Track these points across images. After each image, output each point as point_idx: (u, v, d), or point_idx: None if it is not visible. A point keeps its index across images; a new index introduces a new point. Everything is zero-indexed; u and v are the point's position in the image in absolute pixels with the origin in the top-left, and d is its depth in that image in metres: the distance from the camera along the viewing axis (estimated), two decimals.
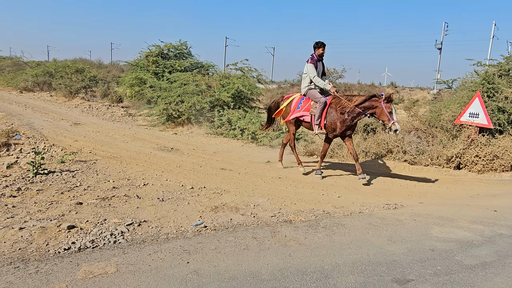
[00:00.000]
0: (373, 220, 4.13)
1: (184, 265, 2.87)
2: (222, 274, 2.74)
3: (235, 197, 5.11)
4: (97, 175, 5.97)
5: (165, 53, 20.99)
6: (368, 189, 6.05)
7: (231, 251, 3.14)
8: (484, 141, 7.90)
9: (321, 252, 3.18)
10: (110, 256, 2.99)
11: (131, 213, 4.25)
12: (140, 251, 3.13)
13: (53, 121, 12.92)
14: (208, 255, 3.05)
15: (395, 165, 8.02)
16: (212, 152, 8.83)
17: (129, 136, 10.47)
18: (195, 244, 3.28)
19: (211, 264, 2.88)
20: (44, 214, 4.09)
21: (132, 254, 3.05)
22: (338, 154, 9.21)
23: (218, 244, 3.31)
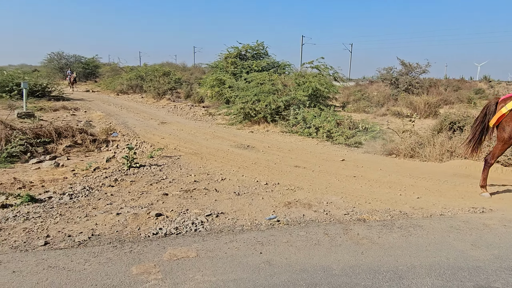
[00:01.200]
0: (456, 223, 3.88)
1: (257, 255, 3.03)
2: (293, 266, 2.84)
3: (308, 194, 5.16)
4: (180, 170, 6.47)
5: (243, 54, 21.70)
6: (452, 191, 5.65)
7: (303, 245, 3.22)
8: None
9: (395, 252, 3.10)
10: (191, 242, 3.27)
11: (210, 205, 4.56)
12: (218, 240, 3.37)
13: (144, 120, 14.17)
14: (280, 247, 3.17)
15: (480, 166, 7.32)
16: (286, 150, 8.96)
17: (209, 134, 11.06)
18: (268, 237, 3.43)
19: (282, 256, 3.00)
20: (136, 202, 4.58)
21: (211, 242, 3.30)
22: (419, 153, 8.71)
23: (290, 237, 3.41)
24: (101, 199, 4.68)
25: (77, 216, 4.04)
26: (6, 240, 3.35)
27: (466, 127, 9.46)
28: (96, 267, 2.77)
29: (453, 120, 10.23)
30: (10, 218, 3.94)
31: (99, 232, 3.60)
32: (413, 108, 19.14)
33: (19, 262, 2.82)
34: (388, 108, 20.26)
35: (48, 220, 3.90)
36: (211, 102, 20.16)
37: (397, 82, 24.44)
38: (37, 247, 3.20)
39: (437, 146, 8.62)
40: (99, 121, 13.50)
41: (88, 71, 33.69)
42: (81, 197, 4.72)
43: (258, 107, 13.30)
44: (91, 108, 16.73)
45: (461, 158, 7.99)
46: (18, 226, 3.71)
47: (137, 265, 2.81)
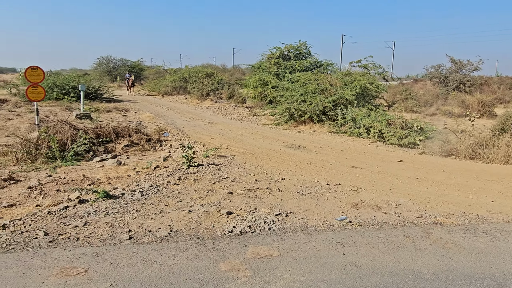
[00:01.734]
0: None
1: (340, 256, 2.99)
2: (381, 269, 2.77)
3: (373, 195, 5.05)
4: (238, 169, 6.54)
5: (285, 54, 21.68)
6: None
7: (385, 248, 3.14)
8: None
9: (487, 258, 2.95)
10: (270, 241, 3.29)
11: (276, 204, 4.57)
12: (296, 239, 3.36)
13: (191, 120, 14.51)
14: (362, 249, 3.11)
15: None
16: (339, 150, 8.82)
17: (257, 134, 11.12)
18: (346, 238, 3.38)
19: (367, 258, 2.94)
20: (204, 200, 4.68)
21: (289, 241, 3.30)
22: (481, 155, 8.28)
23: (369, 239, 3.34)
24: (170, 196, 4.82)
25: (152, 212, 4.19)
26: (93, 233, 3.53)
27: None
28: (185, 262, 2.84)
29: None
30: (92, 213, 4.14)
31: (176, 228, 3.71)
32: (465, 107, 18.28)
33: (114, 254, 2.96)
34: (438, 107, 19.47)
35: (126, 215, 4.06)
36: (254, 102, 20.29)
37: (446, 80, 23.44)
38: (123, 240, 3.35)
39: (502, 147, 8.15)
40: (149, 122, 13.97)
41: (133, 74, 35.00)
42: (151, 194, 4.89)
43: (304, 107, 13.21)
44: (140, 109, 17.35)
45: None
46: (101, 220, 3.90)
47: (224, 261, 2.86)
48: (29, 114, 13.49)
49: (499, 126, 9.92)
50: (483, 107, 18.14)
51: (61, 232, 3.59)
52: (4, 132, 10.25)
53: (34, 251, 3.03)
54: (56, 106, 15.95)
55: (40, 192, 5.61)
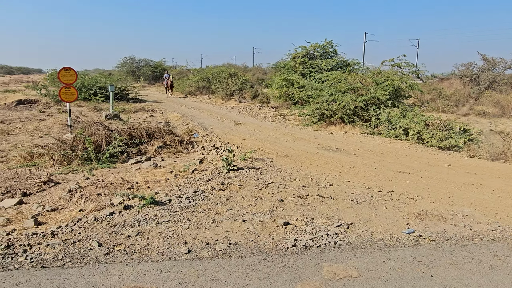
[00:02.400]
0: None
1: (428, 278, 2.69)
2: None
3: (433, 204, 4.70)
4: (280, 173, 6.28)
5: (311, 53, 21.32)
6: None
7: (475, 269, 2.83)
8: None
9: None
10: (343, 259, 3.02)
11: (333, 214, 4.29)
12: (371, 257, 3.08)
13: (218, 121, 14.34)
14: (450, 271, 2.80)
15: None
16: (379, 153, 8.46)
17: (289, 136, 10.84)
18: (426, 256, 3.08)
19: (460, 282, 2.63)
20: (255, 208, 4.44)
21: (364, 259, 3.02)
22: None
23: (453, 258, 3.03)
24: (219, 203, 4.60)
25: (204, 221, 3.98)
26: (149, 245, 3.34)
27: None
28: (258, 283, 2.61)
29: None
30: (142, 221, 3.96)
31: (234, 240, 3.48)
32: (500, 107, 17.53)
33: (179, 272, 2.74)
34: (471, 107, 18.74)
35: (178, 225, 3.86)
36: (279, 102, 20.01)
37: (478, 79, 22.56)
38: (182, 254, 3.14)
39: None
40: (177, 122, 13.87)
41: (156, 74, 35.24)
42: (198, 201, 4.68)
43: (335, 108, 12.85)
44: (166, 110, 17.31)
45: None
46: (153, 230, 3.71)
47: (301, 283, 2.60)
48: (59, 115, 13.58)
49: None
50: None
51: (115, 242, 3.41)
52: (38, 133, 10.29)
53: (94, 266, 2.85)
54: (84, 107, 16.06)
55: (81, 196, 5.49)
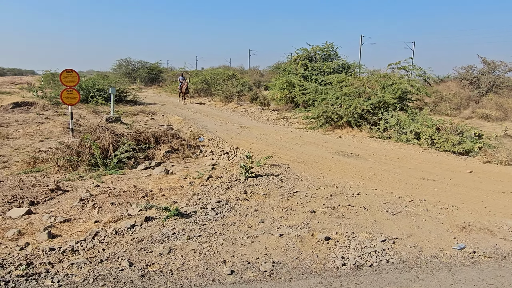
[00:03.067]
0: None
1: None
2: None
3: (473, 216, 4.47)
4: (301, 181, 6.00)
5: (311, 56, 21.13)
6: None
7: None
8: None
9: None
10: (407, 282, 2.75)
11: (372, 226, 4.02)
12: (436, 279, 2.81)
13: (221, 124, 14.04)
14: None
15: None
16: (395, 158, 8.23)
17: (298, 140, 10.58)
18: (495, 277, 2.83)
19: None
20: (288, 221, 4.16)
21: (430, 282, 2.75)
22: None
23: None
24: (248, 215, 4.31)
25: (238, 236, 3.68)
26: (186, 265, 3.03)
27: None
28: None
29: None
30: (170, 236, 3.65)
31: (277, 258, 3.19)
32: (503, 110, 17.48)
33: None
34: (474, 110, 18.69)
35: (211, 240, 3.56)
36: (280, 105, 19.77)
37: (478, 82, 22.57)
38: (225, 276, 2.84)
39: None
40: (179, 125, 13.54)
41: (152, 75, 34.76)
42: (225, 212, 4.38)
43: (342, 111, 12.64)
44: (166, 112, 16.94)
45: None
46: (185, 247, 3.40)
47: None
48: (58, 118, 13.16)
49: None
50: None
51: (148, 262, 3.10)
52: (38, 137, 9.89)
53: None
54: (83, 109, 15.63)
55: (93, 205, 5.17)
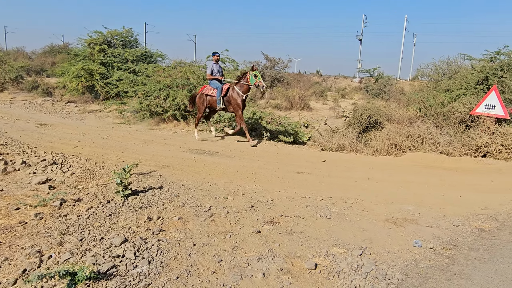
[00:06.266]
0: None
1: None
2: None
3: (381, 207, 4.74)
4: (194, 191, 4.97)
5: (109, 41, 18.81)
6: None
7: None
8: (505, 131, 8.71)
9: None
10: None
11: (331, 238, 3.62)
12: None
13: (8, 121, 10.69)
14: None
15: (436, 157, 8.37)
16: (252, 153, 8.14)
17: (130, 138, 9.09)
18: (488, 271, 2.92)
19: None
20: (247, 251, 3.23)
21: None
22: (361, 148, 9.22)
23: (494, 266, 3.00)
24: (193, 254, 3.10)
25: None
26: None
27: (382, 121, 10.53)
28: None
29: (369, 114, 11.21)
30: None
31: None
32: (289, 101, 20.38)
33: None
34: (268, 101, 21.07)
35: None
36: (76, 96, 16.73)
37: (264, 76, 25.66)
38: None
39: (382, 140, 9.36)
40: None
41: None
42: (158, 257, 3.02)
43: (168, 104, 11.75)
44: None
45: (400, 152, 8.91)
46: None
47: None
48: None
49: (354, 121, 11.32)
50: (302, 101, 20.63)
51: None
52: None
53: None
54: None
55: None
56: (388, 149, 9.08)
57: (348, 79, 41.61)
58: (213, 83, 9.31)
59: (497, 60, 10.23)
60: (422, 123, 9.98)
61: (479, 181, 6.48)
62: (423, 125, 9.77)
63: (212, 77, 9.35)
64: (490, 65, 10.09)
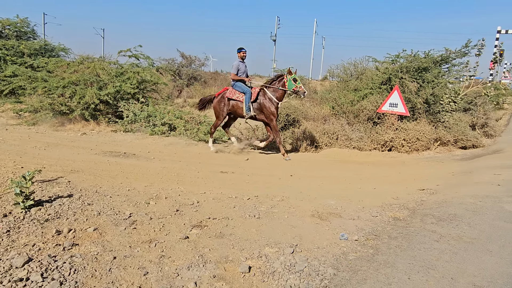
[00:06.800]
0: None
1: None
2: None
3: (309, 203, 4.81)
4: (111, 198, 4.52)
5: (0, 31, 16.67)
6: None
7: (443, 248, 3.14)
8: (406, 126, 9.64)
9: None
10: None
11: (262, 238, 3.55)
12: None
13: None
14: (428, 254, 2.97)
15: (350, 152, 8.92)
16: (172, 153, 7.78)
17: (31, 141, 8.09)
18: (412, 257, 3.11)
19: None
20: (175, 260, 2.97)
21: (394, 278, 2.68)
22: (289, 146, 9.46)
23: (413, 253, 3.23)
24: (113, 269, 2.74)
25: None
26: None
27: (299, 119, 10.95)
28: None
29: (287, 112, 11.55)
30: None
31: None
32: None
33: None
34: (186, 100, 20.58)
35: None
36: None
37: (180, 74, 24.94)
38: None
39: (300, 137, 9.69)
40: None
41: None
42: (72, 276, 2.61)
43: (75, 103, 10.76)
44: None
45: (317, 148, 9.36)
46: None
47: None
48: None
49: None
50: None
51: None
52: None
53: None
54: None
55: None
56: (307, 145, 9.42)
57: (264, 78, 42.67)
58: (238, 86, 8.19)
59: (398, 63, 11.29)
60: (336, 121, 10.55)
61: (388, 173, 7.03)
62: (337, 122, 10.34)
63: (237, 77, 8.21)
64: (392, 67, 11.08)
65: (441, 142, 9.97)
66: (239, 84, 8.21)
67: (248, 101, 7.95)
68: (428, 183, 6.19)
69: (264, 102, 7.98)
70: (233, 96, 8.20)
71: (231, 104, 8.23)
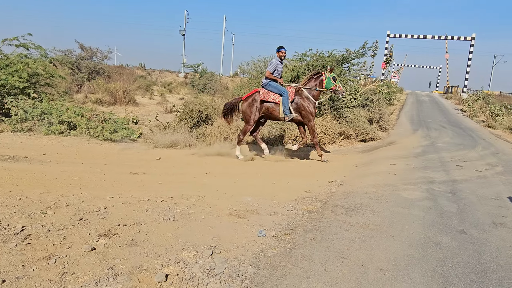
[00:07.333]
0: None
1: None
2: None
3: (226, 201, 4.75)
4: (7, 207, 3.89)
5: None
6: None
7: (357, 236, 3.33)
8: None
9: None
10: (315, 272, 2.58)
11: (179, 242, 3.37)
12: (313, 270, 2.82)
13: None
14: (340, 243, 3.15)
15: None
16: (73, 155, 7.07)
17: None
18: (327, 251, 3.23)
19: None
20: (80, 276, 2.64)
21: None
22: (197, 143, 9.30)
23: (327, 244, 3.38)
24: None
25: None
26: None
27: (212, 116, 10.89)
28: None
29: (200, 109, 11.37)
30: None
31: None
32: (112, 95, 18.90)
33: None
34: (87, 95, 19.01)
35: None
36: None
37: (80, 67, 22.88)
38: None
39: (214, 134, 9.60)
40: None
41: None
42: None
43: None
44: None
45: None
46: None
47: None
48: None
49: (185, 116, 11.31)
50: (127, 95, 19.45)
51: None
52: None
53: None
54: None
55: None
56: (220, 142, 9.35)
57: (174, 73, 41.51)
58: (274, 86, 7.42)
59: (305, 61, 11.85)
60: None
61: (301, 167, 7.32)
62: None
63: (272, 76, 7.44)
64: (300, 65, 11.59)
65: (344, 136, 10.75)
66: (274, 85, 7.50)
67: (287, 103, 7.34)
68: (336, 175, 6.59)
69: (302, 102, 7.47)
70: (268, 98, 7.48)
71: (265, 107, 7.54)
